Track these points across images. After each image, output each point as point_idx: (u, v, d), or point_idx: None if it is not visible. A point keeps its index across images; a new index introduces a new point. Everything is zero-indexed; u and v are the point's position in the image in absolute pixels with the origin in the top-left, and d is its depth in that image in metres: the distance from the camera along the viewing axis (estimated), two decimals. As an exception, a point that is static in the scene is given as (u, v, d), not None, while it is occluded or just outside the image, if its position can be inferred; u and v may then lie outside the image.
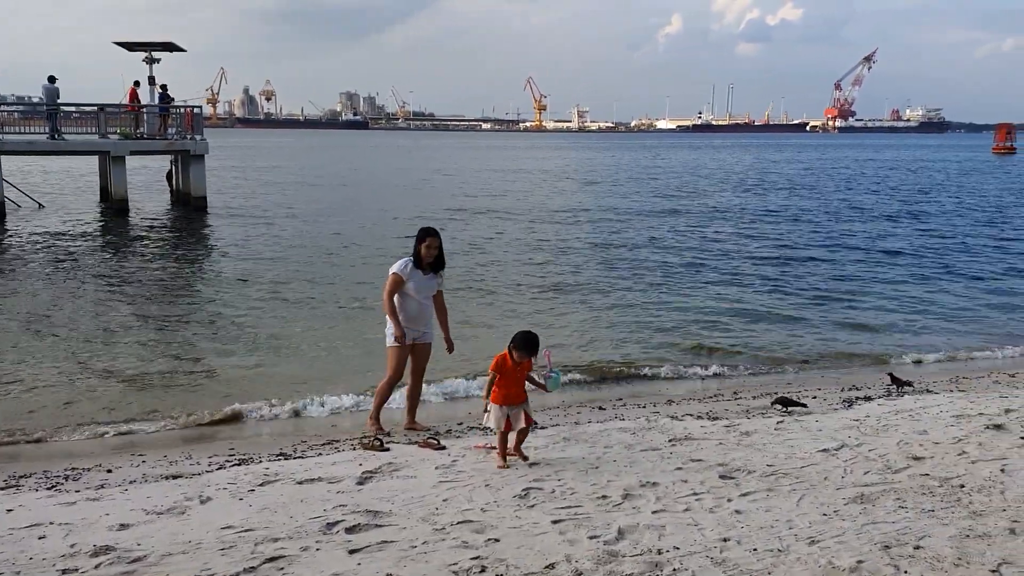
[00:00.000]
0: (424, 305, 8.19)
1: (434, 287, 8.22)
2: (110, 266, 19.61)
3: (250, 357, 11.90)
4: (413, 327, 8.16)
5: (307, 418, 9.50)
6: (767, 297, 16.87)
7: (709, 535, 5.21)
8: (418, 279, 8.09)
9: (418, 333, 8.21)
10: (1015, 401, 8.73)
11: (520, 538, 5.19)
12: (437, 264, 8.18)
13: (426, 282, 8.13)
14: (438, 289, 8.29)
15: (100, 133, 29.37)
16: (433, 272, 8.17)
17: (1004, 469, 6.48)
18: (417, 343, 8.26)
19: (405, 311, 8.11)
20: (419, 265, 8.09)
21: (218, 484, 6.44)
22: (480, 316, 14.56)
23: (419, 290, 8.11)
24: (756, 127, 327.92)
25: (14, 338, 12.68)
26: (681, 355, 12.40)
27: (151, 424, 9.14)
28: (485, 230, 27.22)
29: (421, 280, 8.10)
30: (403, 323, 8.08)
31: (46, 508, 5.93)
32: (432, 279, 8.18)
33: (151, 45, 34.77)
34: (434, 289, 8.23)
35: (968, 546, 5.04)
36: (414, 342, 8.22)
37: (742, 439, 7.46)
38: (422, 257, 8.05)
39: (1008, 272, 20.34)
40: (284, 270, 19.15)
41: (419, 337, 8.24)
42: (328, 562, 4.88)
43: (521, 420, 6.71)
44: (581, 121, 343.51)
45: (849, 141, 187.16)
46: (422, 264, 8.08)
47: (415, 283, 8.08)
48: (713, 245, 24.36)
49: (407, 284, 8.05)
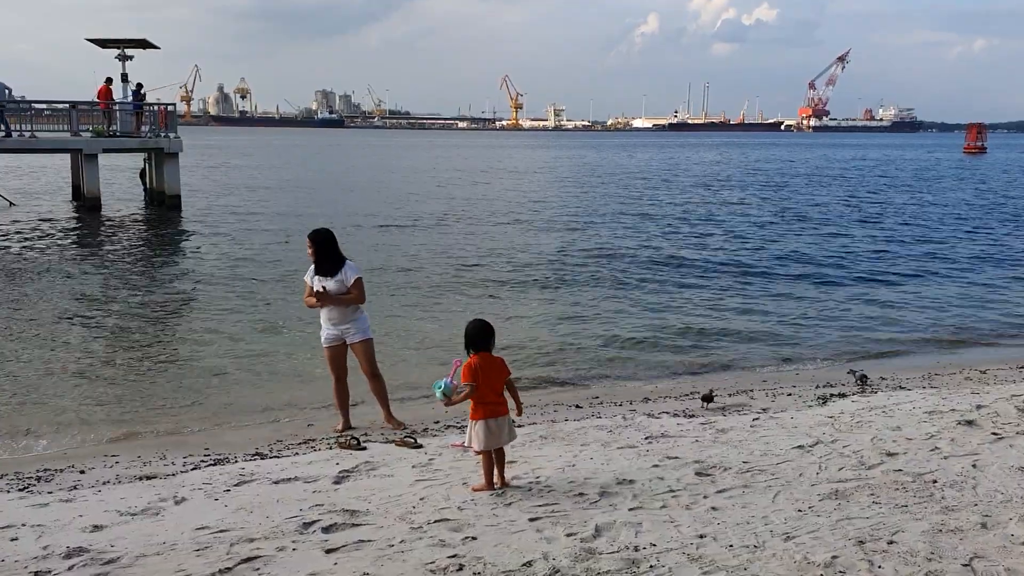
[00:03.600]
0: (334, 311, 8.06)
1: (337, 286, 7.98)
2: (81, 265, 19.37)
3: (222, 357, 11.80)
4: (331, 328, 8.14)
5: (283, 418, 9.44)
6: (742, 295, 16.97)
7: (685, 532, 5.23)
8: (318, 282, 8.02)
9: (338, 332, 8.16)
10: (986, 398, 8.83)
11: (497, 536, 5.19)
12: (329, 266, 7.99)
13: (326, 283, 7.98)
14: (347, 285, 8.01)
15: (72, 131, 29.04)
16: (330, 275, 7.98)
17: (976, 464, 6.56)
18: (351, 344, 8.23)
19: (321, 314, 8.15)
20: (319, 269, 8.03)
21: (193, 484, 6.39)
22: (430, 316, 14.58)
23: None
24: (732, 126, 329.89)
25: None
26: (656, 353, 12.44)
27: (124, 425, 9.05)
28: (464, 229, 27.21)
29: (321, 281, 8.00)
30: (322, 327, 8.18)
31: (18, 510, 5.85)
32: (330, 280, 7.98)
33: (124, 42, 34.42)
34: (340, 288, 7.99)
35: (941, 541, 5.09)
36: (344, 343, 8.22)
37: (718, 436, 7.50)
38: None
39: (974, 267, 20.63)
40: (258, 269, 19.01)
41: (348, 338, 8.19)
42: (304, 562, 4.86)
43: (505, 435, 6.02)
44: (557, 120, 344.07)
45: (824, 141, 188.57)
46: (319, 268, 8.03)
47: (316, 287, 8.02)
48: (694, 243, 24.48)
49: (313, 289, 8.06)
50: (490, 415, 5.92)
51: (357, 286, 8.06)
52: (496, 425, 5.93)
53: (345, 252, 8.21)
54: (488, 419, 5.91)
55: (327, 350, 8.26)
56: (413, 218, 29.59)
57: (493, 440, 5.94)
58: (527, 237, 25.41)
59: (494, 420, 5.93)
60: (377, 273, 17.92)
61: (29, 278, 17.56)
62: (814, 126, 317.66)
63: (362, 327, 8.22)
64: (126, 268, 19.23)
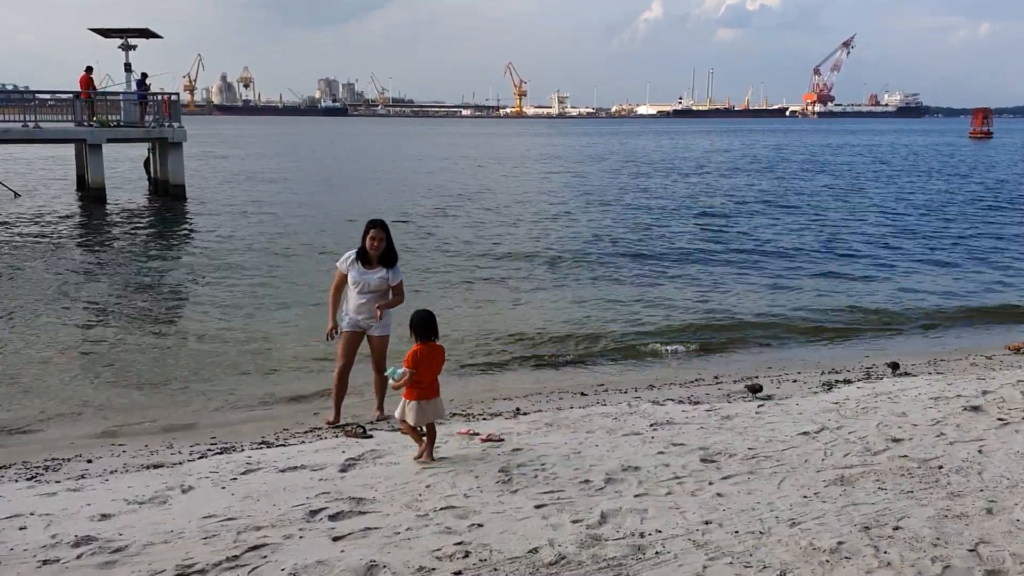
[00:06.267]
0: (365, 302, 7.81)
1: (378, 282, 7.78)
2: (86, 254, 19.43)
3: (228, 345, 11.82)
4: (357, 316, 7.89)
5: (289, 407, 9.46)
6: (750, 279, 16.95)
7: (691, 518, 5.24)
8: (358, 273, 7.75)
9: (359, 319, 7.89)
10: (992, 383, 8.82)
11: (503, 523, 5.21)
12: (385, 258, 7.76)
13: (369, 276, 7.75)
14: (390, 285, 7.83)
15: (76, 121, 29.02)
16: (382, 267, 7.77)
17: (981, 450, 6.56)
18: (371, 336, 8.01)
19: (347, 301, 7.88)
20: (365, 258, 7.74)
21: (200, 473, 6.41)
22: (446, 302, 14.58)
23: (360, 285, 7.78)
24: (736, 112, 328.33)
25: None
26: (661, 340, 12.43)
27: (131, 415, 9.08)
28: (469, 216, 27.19)
29: (363, 274, 7.75)
30: (347, 312, 7.89)
31: (26, 499, 5.88)
32: (376, 273, 7.77)
33: (127, 32, 34.34)
34: (381, 285, 7.79)
35: (946, 526, 5.10)
36: (366, 334, 7.98)
37: (723, 423, 7.51)
38: (367, 250, 7.71)
39: (985, 251, 20.57)
40: (264, 258, 19.05)
41: (370, 330, 7.97)
42: (311, 549, 4.88)
43: (433, 414, 6.50)
44: (561, 107, 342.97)
45: (829, 127, 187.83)
46: (369, 257, 7.73)
47: (355, 277, 7.76)
48: (701, 232, 24.43)
49: (349, 278, 7.78)
50: (423, 397, 6.42)
51: (401, 288, 7.92)
52: (428, 405, 6.45)
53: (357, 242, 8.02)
54: (421, 400, 6.40)
55: (345, 334, 7.97)
56: (426, 206, 29.58)
57: (423, 417, 6.47)
58: (532, 225, 25.38)
59: (427, 401, 6.44)
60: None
61: (34, 268, 17.59)
62: (819, 112, 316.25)
63: (386, 322, 8.07)
64: (131, 258, 19.25)
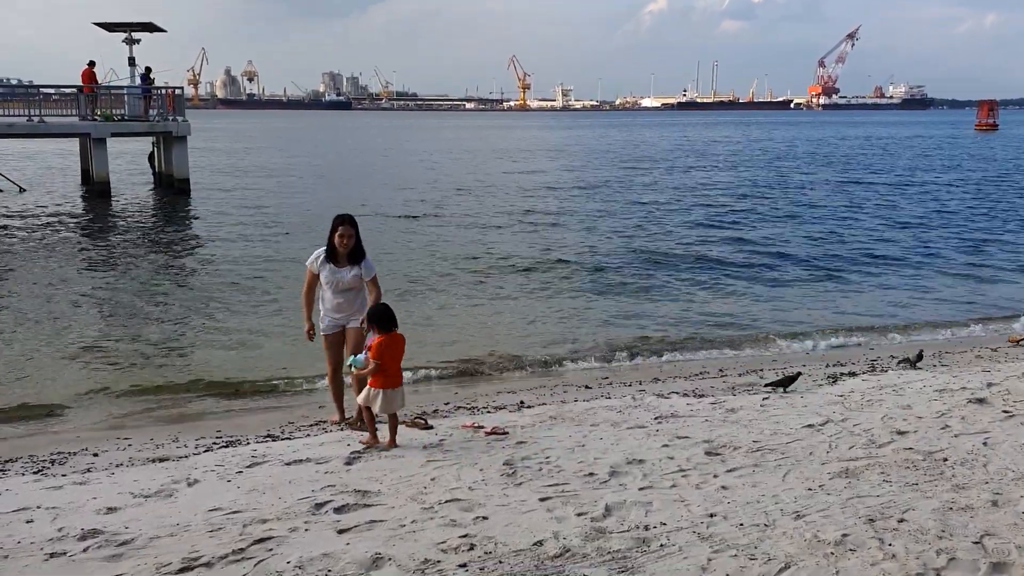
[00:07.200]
0: (342, 301, 7.43)
1: (352, 280, 7.39)
2: (91, 248, 19.46)
3: (232, 339, 11.85)
4: (335, 315, 7.50)
5: (294, 399, 9.49)
6: (750, 274, 16.93)
7: (696, 511, 5.24)
8: (331, 272, 7.35)
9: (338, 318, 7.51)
10: (996, 375, 8.81)
11: (508, 516, 5.21)
12: (353, 255, 7.36)
13: (342, 275, 7.36)
14: (365, 280, 7.43)
15: (80, 115, 29.02)
16: (350, 264, 7.36)
17: (986, 442, 6.55)
18: (349, 328, 7.50)
19: (323, 301, 7.53)
20: (334, 256, 7.34)
21: (205, 466, 6.43)
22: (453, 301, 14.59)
23: (332, 284, 7.38)
24: (741, 104, 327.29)
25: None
26: (665, 334, 12.43)
27: (136, 408, 9.11)
28: (468, 209, 27.18)
29: (335, 273, 7.35)
30: (325, 312, 7.51)
31: (33, 492, 5.90)
32: (349, 271, 7.36)
33: (131, 26, 34.35)
34: (355, 282, 7.40)
35: (951, 518, 5.09)
36: (343, 330, 7.55)
37: (728, 416, 7.50)
38: (336, 248, 7.30)
39: (983, 246, 20.52)
40: (268, 251, 19.07)
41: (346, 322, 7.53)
42: (317, 542, 4.89)
43: (398, 402, 6.67)
44: (565, 100, 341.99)
45: (835, 119, 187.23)
46: (337, 255, 7.34)
47: (327, 277, 7.37)
48: (706, 227, 24.40)
49: (321, 277, 7.40)
50: (389, 385, 6.59)
51: (376, 282, 7.51)
52: (393, 394, 6.61)
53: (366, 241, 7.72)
54: (387, 389, 6.56)
55: (327, 338, 7.60)
56: (424, 203, 29.58)
57: (389, 406, 6.63)
58: (538, 226, 25.38)
59: (392, 390, 6.60)
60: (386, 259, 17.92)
61: (40, 262, 17.64)
62: (824, 104, 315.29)
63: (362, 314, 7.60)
64: (135, 252, 19.27)
